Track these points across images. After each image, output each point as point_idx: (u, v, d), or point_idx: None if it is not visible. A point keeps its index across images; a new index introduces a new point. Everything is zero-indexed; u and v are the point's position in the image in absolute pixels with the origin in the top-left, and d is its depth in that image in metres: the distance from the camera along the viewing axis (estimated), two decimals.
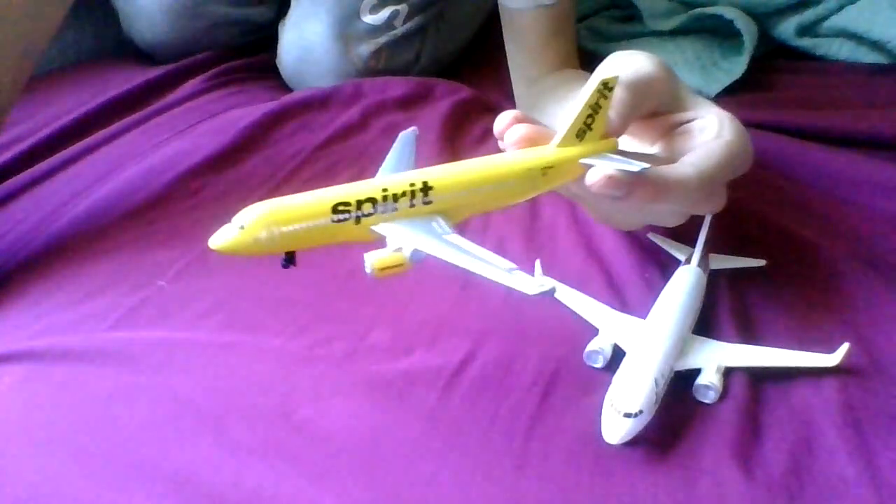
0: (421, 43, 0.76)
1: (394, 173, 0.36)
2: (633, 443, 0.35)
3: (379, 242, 0.33)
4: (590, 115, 0.35)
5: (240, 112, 0.66)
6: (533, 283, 0.30)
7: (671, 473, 0.33)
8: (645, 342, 0.38)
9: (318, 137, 0.63)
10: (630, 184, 0.34)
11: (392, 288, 0.45)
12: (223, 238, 0.31)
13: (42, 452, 0.34)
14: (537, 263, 0.46)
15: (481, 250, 0.31)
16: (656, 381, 0.36)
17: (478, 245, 0.32)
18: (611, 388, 0.36)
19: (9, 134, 0.62)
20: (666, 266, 0.46)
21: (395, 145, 0.38)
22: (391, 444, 0.35)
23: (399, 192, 0.33)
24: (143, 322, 0.42)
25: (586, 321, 0.42)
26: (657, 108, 0.42)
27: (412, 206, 0.33)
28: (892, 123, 0.63)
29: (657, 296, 0.42)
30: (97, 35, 0.83)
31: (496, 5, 0.69)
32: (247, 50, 0.81)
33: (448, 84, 0.72)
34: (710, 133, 0.40)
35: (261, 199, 0.53)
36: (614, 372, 0.37)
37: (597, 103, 0.35)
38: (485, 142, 0.65)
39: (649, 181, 0.35)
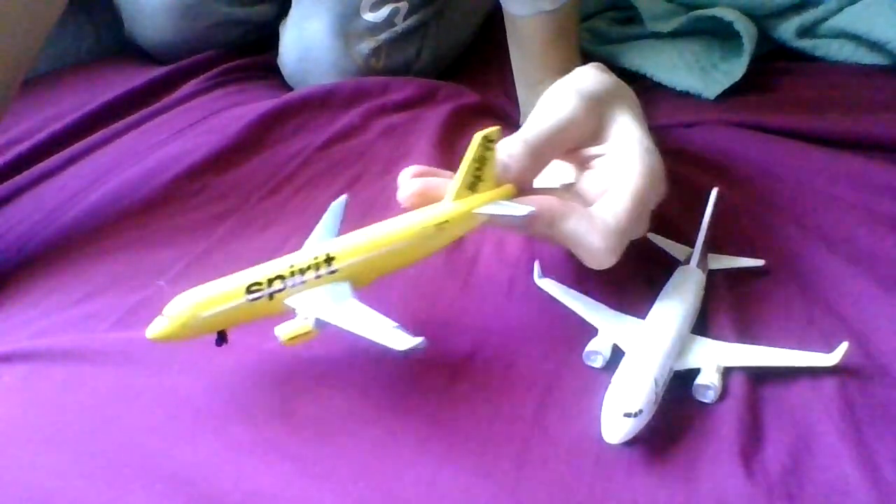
0: (421, 40, 0.76)
1: (321, 240, 0.39)
2: (633, 443, 0.35)
3: (291, 314, 0.36)
4: (478, 168, 0.38)
5: (240, 111, 0.66)
6: (408, 339, 0.33)
7: (671, 473, 0.33)
8: (644, 342, 0.38)
9: (318, 138, 0.63)
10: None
11: (391, 288, 0.45)
12: (156, 329, 0.34)
13: (42, 452, 0.34)
14: (536, 264, 0.46)
15: (373, 313, 0.34)
16: (656, 381, 0.36)
17: (370, 308, 0.35)
18: (610, 387, 0.36)
19: (9, 134, 0.62)
20: (665, 266, 0.46)
21: (325, 214, 0.40)
22: (391, 444, 0.35)
23: (305, 266, 0.35)
24: (143, 322, 0.42)
25: (585, 321, 0.42)
26: (577, 145, 0.44)
27: (318, 277, 0.35)
28: (892, 125, 0.63)
29: (656, 296, 0.42)
30: (97, 35, 0.83)
31: (497, 3, 0.69)
32: (248, 49, 0.81)
33: (451, 87, 0.72)
34: (622, 170, 0.41)
35: (261, 198, 0.55)
36: (613, 372, 0.37)
37: (482, 156, 0.38)
38: None
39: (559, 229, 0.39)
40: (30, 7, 0.49)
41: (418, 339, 0.33)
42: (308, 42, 0.72)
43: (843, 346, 0.39)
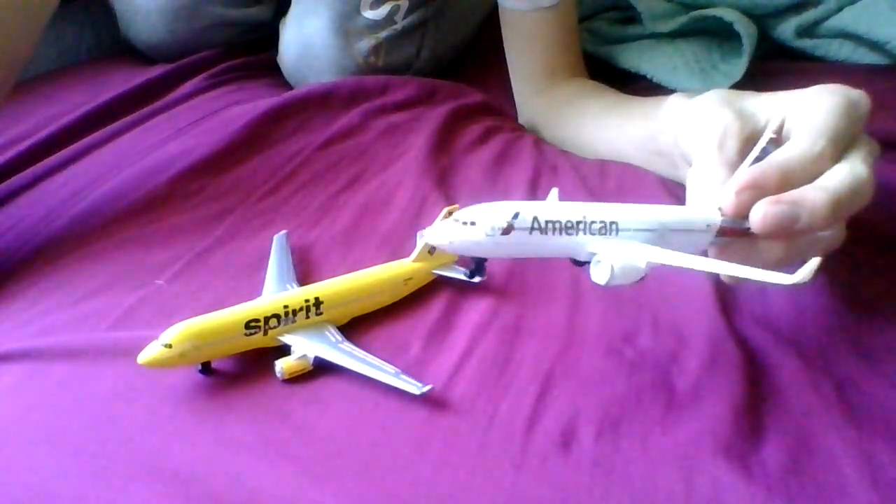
0: (421, 38, 0.76)
1: (277, 275, 0.44)
2: (632, 442, 0.35)
3: (279, 346, 0.39)
4: None
5: (239, 110, 0.66)
6: (415, 385, 0.36)
7: (670, 473, 0.33)
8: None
9: (318, 137, 0.63)
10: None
11: None
12: (150, 354, 0.36)
13: (42, 452, 0.34)
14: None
15: (370, 357, 0.39)
16: (519, 215, 0.32)
17: (364, 351, 0.39)
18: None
19: (9, 134, 0.62)
20: None
21: (272, 249, 0.47)
22: (390, 444, 0.35)
23: (297, 307, 0.40)
24: (142, 321, 0.42)
25: (580, 318, 0.42)
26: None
27: (308, 317, 0.40)
28: (892, 124, 0.63)
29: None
30: (97, 35, 0.83)
31: (496, 2, 0.69)
32: (247, 48, 0.81)
33: (451, 86, 0.72)
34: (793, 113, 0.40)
35: (261, 198, 0.55)
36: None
37: None
38: (482, 144, 0.65)
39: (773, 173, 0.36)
40: (21, 8, 0.49)
41: (427, 387, 0.36)
42: (308, 40, 0.72)
43: (814, 262, 0.31)
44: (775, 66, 0.77)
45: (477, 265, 0.34)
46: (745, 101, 0.43)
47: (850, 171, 0.37)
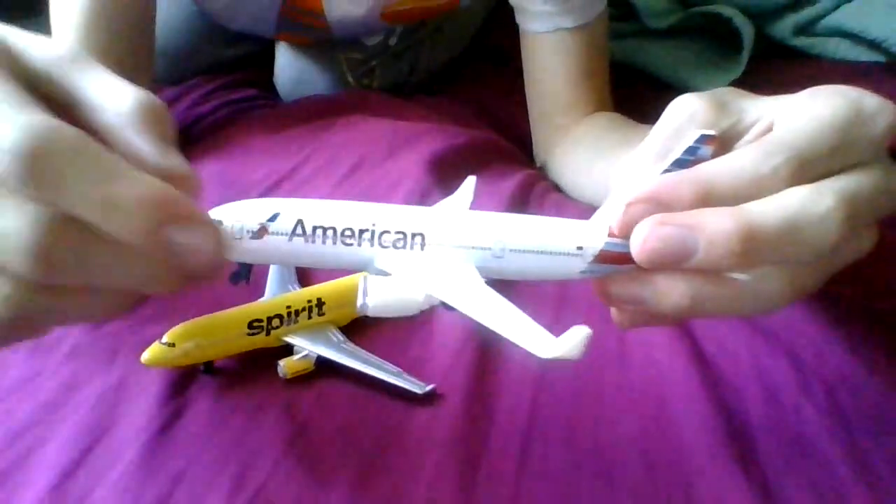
0: (415, 57, 0.76)
1: (279, 276, 0.44)
2: (630, 442, 0.35)
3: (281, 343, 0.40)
4: None
5: (240, 112, 0.66)
6: (417, 385, 0.37)
7: (668, 474, 0.34)
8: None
9: (317, 138, 0.63)
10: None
11: None
12: (153, 353, 0.36)
13: (41, 452, 0.34)
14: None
15: (372, 357, 0.39)
16: (278, 216, 0.27)
17: (366, 351, 0.40)
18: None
19: None
20: None
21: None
22: (393, 444, 0.35)
23: (300, 307, 0.40)
24: (142, 321, 0.42)
25: (576, 316, 0.42)
26: None
27: (310, 318, 0.41)
28: None
29: None
30: None
31: (490, 13, 0.69)
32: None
33: (453, 99, 0.72)
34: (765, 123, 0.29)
35: (259, 196, 0.54)
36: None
37: None
38: (489, 142, 0.65)
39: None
40: None
41: (429, 387, 0.37)
42: (302, 65, 0.72)
43: (580, 331, 0.25)
44: (773, 65, 0.78)
45: (240, 268, 0.28)
46: (739, 97, 0.32)
47: (799, 200, 0.25)
